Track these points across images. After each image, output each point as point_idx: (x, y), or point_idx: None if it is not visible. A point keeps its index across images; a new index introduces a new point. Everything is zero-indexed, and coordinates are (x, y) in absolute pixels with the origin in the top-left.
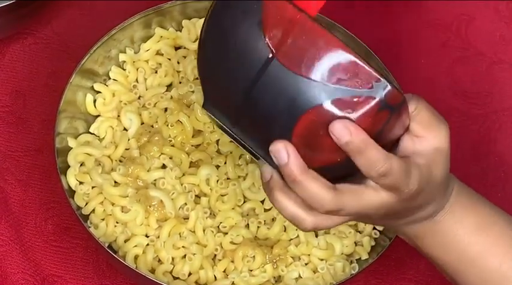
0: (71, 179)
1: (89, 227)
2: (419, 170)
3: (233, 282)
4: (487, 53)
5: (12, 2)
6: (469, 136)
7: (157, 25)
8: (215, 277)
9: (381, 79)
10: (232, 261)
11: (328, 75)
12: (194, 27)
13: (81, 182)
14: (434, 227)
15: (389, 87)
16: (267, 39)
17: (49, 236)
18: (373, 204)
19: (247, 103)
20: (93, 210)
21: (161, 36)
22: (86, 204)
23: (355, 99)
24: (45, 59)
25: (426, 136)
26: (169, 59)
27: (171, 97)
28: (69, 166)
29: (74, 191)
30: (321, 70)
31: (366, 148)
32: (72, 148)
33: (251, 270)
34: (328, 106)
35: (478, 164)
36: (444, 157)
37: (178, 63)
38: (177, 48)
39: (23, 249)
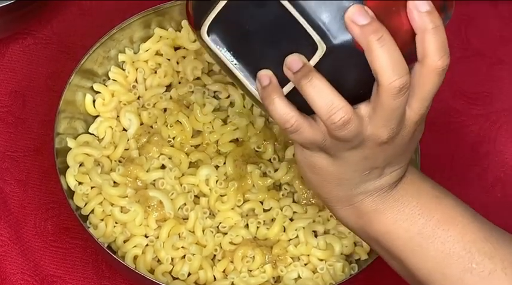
0: (70, 179)
1: (88, 227)
2: None
3: (232, 282)
4: (487, 53)
5: (12, 2)
6: (469, 136)
7: (156, 25)
8: (214, 277)
9: None
10: (232, 262)
11: None
12: None
13: (80, 183)
14: (396, 196)
15: None
16: None
17: (48, 236)
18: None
19: None
20: (93, 210)
21: (160, 37)
22: (85, 204)
23: None
24: (44, 59)
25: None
26: (169, 59)
27: (171, 98)
28: (68, 167)
29: (73, 192)
30: None
31: (441, 25)
32: (71, 148)
33: (250, 271)
34: None
35: (478, 164)
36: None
37: (177, 63)
38: (176, 49)
39: (22, 249)
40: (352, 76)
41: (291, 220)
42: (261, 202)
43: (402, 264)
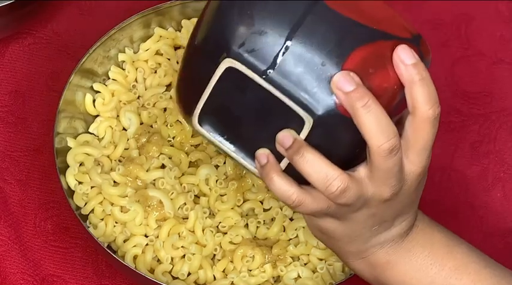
0: (70, 179)
1: (88, 227)
2: None
3: (232, 282)
4: (487, 53)
5: (12, 2)
6: (469, 136)
7: (156, 25)
8: (214, 277)
9: (417, 32)
10: (232, 261)
11: (375, 22)
12: (193, 27)
13: (80, 182)
14: (408, 246)
15: (423, 41)
16: None
17: (48, 236)
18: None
19: (294, 41)
20: (93, 210)
21: (160, 36)
22: (85, 204)
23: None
24: (44, 59)
25: None
26: (169, 59)
27: (171, 97)
28: (68, 166)
29: (73, 191)
30: (367, 17)
31: (429, 78)
32: (71, 148)
33: (250, 270)
34: (377, 46)
35: (478, 164)
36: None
37: (177, 63)
38: (176, 48)
39: (22, 249)
40: (344, 139)
41: (291, 219)
42: (261, 202)
43: None
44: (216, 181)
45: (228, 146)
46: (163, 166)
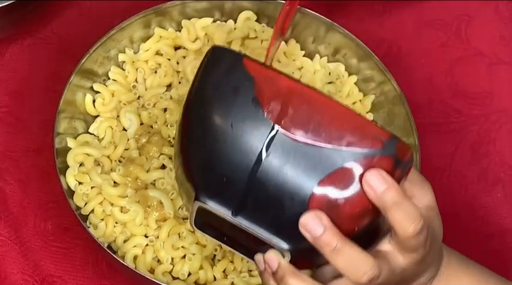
0: (70, 179)
1: (88, 227)
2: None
3: (232, 282)
4: (487, 53)
5: (12, 2)
6: (469, 136)
7: (156, 25)
8: (214, 277)
9: (391, 136)
10: (232, 262)
11: (338, 139)
12: (194, 27)
13: (80, 183)
14: None
15: (399, 144)
16: (265, 113)
17: (48, 236)
18: (399, 267)
19: (255, 184)
20: (93, 210)
21: (160, 36)
22: (85, 204)
23: (369, 161)
24: (44, 59)
25: (416, 194)
26: (169, 59)
27: (171, 98)
28: (68, 167)
29: (73, 192)
30: (329, 136)
31: (402, 198)
32: (71, 148)
33: (250, 271)
34: (345, 170)
35: (478, 164)
36: (436, 214)
37: (177, 63)
38: (176, 48)
39: (22, 249)
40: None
41: None
42: None
43: None
44: None
45: (230, 248)
46: (163, 167)
